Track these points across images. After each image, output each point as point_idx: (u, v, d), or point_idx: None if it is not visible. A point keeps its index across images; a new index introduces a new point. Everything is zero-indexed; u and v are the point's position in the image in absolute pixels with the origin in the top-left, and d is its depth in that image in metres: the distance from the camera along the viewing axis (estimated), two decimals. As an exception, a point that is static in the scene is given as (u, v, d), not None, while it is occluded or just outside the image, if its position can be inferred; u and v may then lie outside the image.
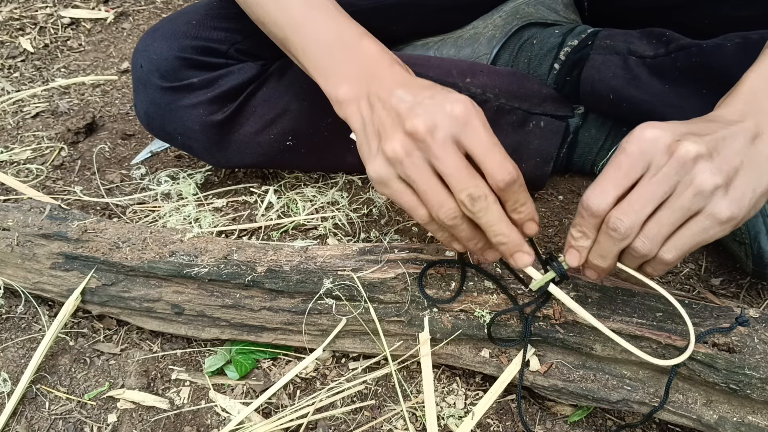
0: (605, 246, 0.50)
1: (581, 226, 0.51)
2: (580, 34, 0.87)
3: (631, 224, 0.48)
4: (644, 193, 0.47)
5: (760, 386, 0.56)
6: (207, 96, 0.81)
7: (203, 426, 0.66)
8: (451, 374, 0.70)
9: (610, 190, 0.49)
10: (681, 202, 0.47)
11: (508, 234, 0.51)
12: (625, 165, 0.48)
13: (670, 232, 0.48)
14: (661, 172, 0.47)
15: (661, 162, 0.47)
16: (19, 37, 1.36)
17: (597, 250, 0.51)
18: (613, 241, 0.49)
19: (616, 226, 0.48)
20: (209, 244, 0.72)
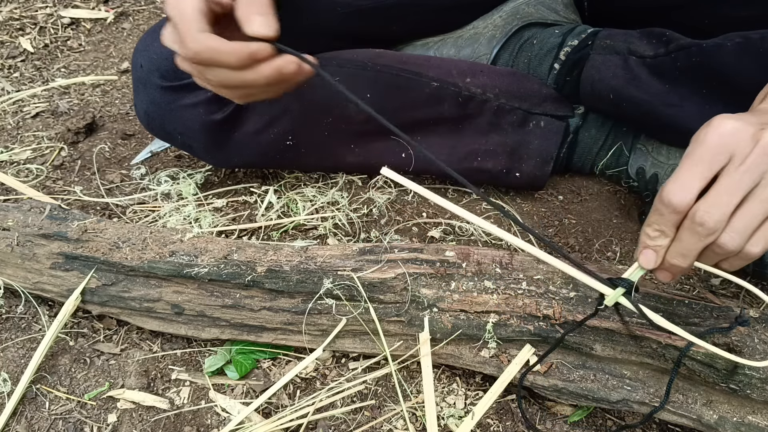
0: (688, 243, 0.48)
1: (659, 224, 0.49)
2: (580, 34, 0.87)
3: (720, 218, 0.46)
4: (731, 183, 0.45)
5: (760, 386, 0.56)
6: (207, 95, 0.81)
7: (203, 426, 0.66)
8: (451, 374, 0.70)
9: (693, 184, 0.46)
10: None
11: None
12: (707, 156, 0.46)
13: (758, 224, 0.46)
14: (748, 161, 0.45)
15: (746, 151, 0.45)
16: (19, 37, 1.36)
17: (677, 249, 0.49)
18: (698, 237, 0.47)
19: (703, 221, 0.46)
20: (209, 244, 0.72)
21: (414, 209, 0.90)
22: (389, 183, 0.94)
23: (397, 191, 0.93)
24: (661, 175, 0.82)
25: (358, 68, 0.84)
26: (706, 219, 0.46)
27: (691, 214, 0.47)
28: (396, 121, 0.89)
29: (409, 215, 0.89)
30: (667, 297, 0.63)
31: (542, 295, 0.64)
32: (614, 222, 0.89)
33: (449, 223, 0.87)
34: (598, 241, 0.85)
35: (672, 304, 0.62)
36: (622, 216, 0.89)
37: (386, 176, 0.56)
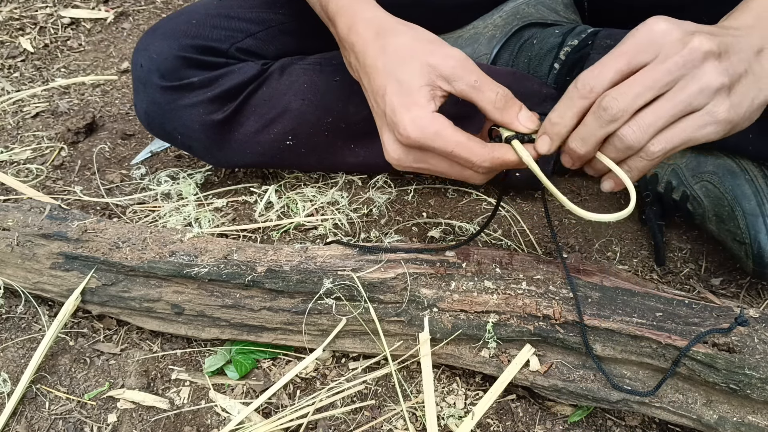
0: (590, 128, 0.48)
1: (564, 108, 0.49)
2: (580, 34, 0.87)
3: (625, 107, 0.46)
4: (647, 78, 0.45)
5: (760, 386, 0.56)
6: (207, 95, 0.81)
7: (203, 426, 0.66)
8: (451, 374, 0.70)
9: (608, 72, 0.47)
10: (683, 96, 0.45)
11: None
12: (631, 51, 0.46)
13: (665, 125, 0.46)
14: (669, 61, 0.45)
15: (671, 52, 0.45)
16: (19, 37, 1.36)
17: (579, 133, 0.49)
18: (600, 123, 0.47)
19: (608, 105, 0.46)
20: (209, 244, 0.72)
21: (414, 209, 0.90)
22: (389, 183, 0.94)
23: (397, 191, 0.93)
24: (661, 175, 0.82)
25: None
26: (612, 105, 0.46)
27: (599, 99, 0.47)
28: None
29: (409, 215, 0.89)
30: (667, 297, 0.63)
31: (542, 295, 0.64)
32: (614, 222, 0.89)
33: (449, 223, 0.87)
34: (598, 241, 0.85)
35: (672, 304, 0.62)
36: (622, 216, 0.89)
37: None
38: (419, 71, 0.53)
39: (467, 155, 0.52)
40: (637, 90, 0.45)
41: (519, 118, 0.52)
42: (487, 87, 0.53)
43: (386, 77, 0.55)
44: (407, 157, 0.56)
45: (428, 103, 0.53)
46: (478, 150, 0.52)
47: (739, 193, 0.73)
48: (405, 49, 0.55)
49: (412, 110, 0.52)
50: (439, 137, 0.52)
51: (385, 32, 0.57)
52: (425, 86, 0.53)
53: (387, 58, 0.55)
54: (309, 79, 0.83)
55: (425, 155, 0.55)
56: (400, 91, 0.53)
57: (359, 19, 0.59)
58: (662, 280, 0.80)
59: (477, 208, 0.90)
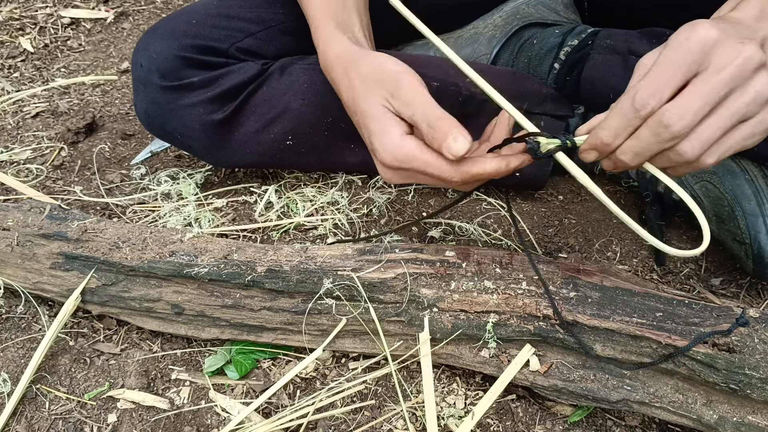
0: (646, 143, 0.47)
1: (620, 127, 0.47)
2: (580, 34, 0.87)
3: (688, 123, 0.44)
4: (705, 92, 0.44)
5: (760, 386, 0.56)
6: (207, 95, 0.81)
7: (203, 426, 0.66)
8: (451, 374, 0.70)
9: (667, 91, 0.45)
10: (738, 106, 0.45)
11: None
12: (687, 62, 0.45)
13: (721, 137, 0.46)
14: (725, 73, 0.44)
15: (725, 62, 0.44)
16: (19, 37, 1.36)
17: (632, 147, 0.48)
18: (658, 140, 0.46)
19: (670, 123, 0.45)
20: (209, 244, 0.72)
21: (414, 209, 0.90)
22: (389, 183, 0.94)
23: (397, 191, 0.93)
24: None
25: (358, 68, 0.84)
26: (675, 123, 0.45)
27: (658, 114, 0.46)
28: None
29: (409, 215, 0.89)
30: (667, 297, 0.63)
31: (542, 295, 0.64)
32: (614, 222, 0.89)
33: (449, 223, 0.87)
34: (598, 241, 0.85)
35: (672, 304, 0.62)
36: (622, 216, 0.89)
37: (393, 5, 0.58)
38: (379, 101, 0.57)
39: (438, 173, 0.54)
40: (698, 105, 0.45)
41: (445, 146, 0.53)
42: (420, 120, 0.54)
43: (357, 109, 0.59)
44: (395, 176, 0.59)
45: (394, 128, 0.56)
46: (446, 168, 0.54)
47: (739, 193, 0.73)
48: (365, 80, 0.59)
49: (383, 137, 0.56)
50: (410, 158, 0.55)
51: (349, 65, 0.62)
52: (388, 113, 0.56)
53: (354, 92, 0.60)
54: (309, 79, 0.83)
55: (409, 173, 0.58)
56: (367, 121, 0.58)
57: (330, 56, 0.66)
58: (662, 280, 0.80)
59: (477, 208, 0.90)
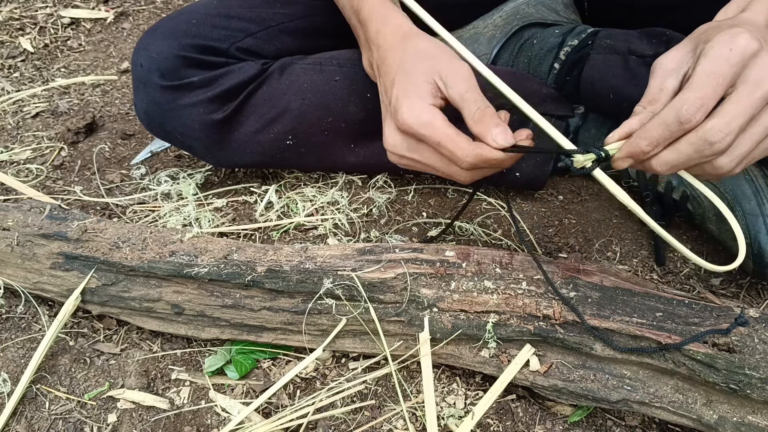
0: (686, 157, 0.47)
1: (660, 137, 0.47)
2: (580, 34, 0.87)
3: (731, 141, 0.45)
4: (747, 107, 0.45)
5: (760, 386, 0.56)
6: (207, 95, 0.81)
7: (203, 426, 0.66)
8: (451, 374, 0.70)
9: (711, 104, 0.46)
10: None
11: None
12: (729, 75, 0.45)
13: (753, 148, 0.47)
14: (762, 88, 0.45)
15: (763, 77, 0.45)
16: (19, 37, 1.36)
17: (669, 159, 0.48)
18: (700, 155, 0.46)
19: (715, 140, 0.45)
20: (209, 244, 0.72)
21: (414, 209, 0.90)
22: (389, 183, 0.94)
23: (397, 191, 0.93)
24: (661, 175, 0.82)
25: (358, 67, 0.84)
26: (719, 139, 0.45)
27: (701, 131, 0.46)
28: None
29: (409, 215, 0.89)
30: (667, 297, 0.63)
31: (542, 295, 0.64)
32: (614, 222, 0.89)
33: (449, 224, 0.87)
34: (598, 241, 0.85)
35: (672, 304, 0.62)
36: (622, 216, 0.90)
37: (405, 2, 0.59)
38: (426, 69, 0.57)
39: (453, 148, 0.54)
40: (741, 122, 0.45)
41: (492, 134, 0.54)
42: (472, 100, 0.55)
43: (398, 71, 0.59)
44: (402, 144, 0.59)
45: (428, 96, 0.56)
46: (463, 145, 0.54)
47: (739, 193, 0.73)
48: (423, 51, 0.60)
49: (413, 99, 0.56)
50: (430, 127, 0.55)
51: (410, 37, 0.62)
52: (428, 83, 0.57)
53: (405, 56, 0.60)
54: (309, 79, 0.83)
55: (418, 145, 0.58)
56: (406, 82, 0.57)
57: (390, 23, 0.65)
58: (662, 280, 0.80)
59: (477, 208, 0.90)
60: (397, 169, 0.91)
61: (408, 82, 0.57)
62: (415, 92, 0.56)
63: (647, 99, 0.51)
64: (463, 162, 0.55)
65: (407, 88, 0.57)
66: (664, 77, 0.50)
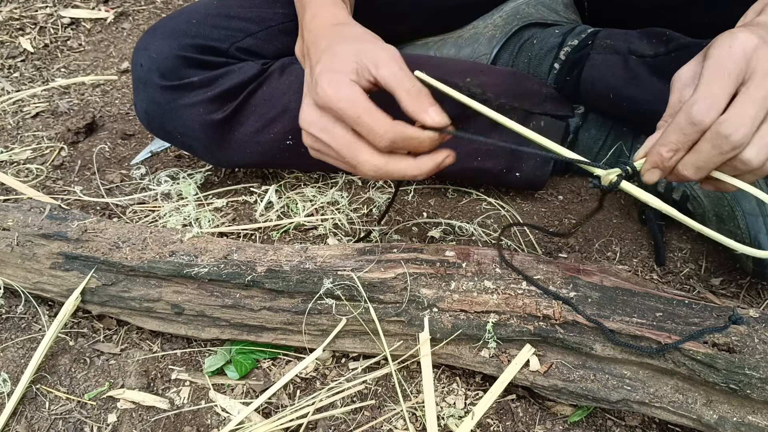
0: (707, 156, 0.47)
1: (679, 142, 0.47)
2: (580, 34, 0.87)
3: (747, 131, 0.45)
4: (758, 98, 0.45)
5: (760, 386, 0.56)
6: (207, 95, 0.81)
7: (203, 426, 0.66)
8: (451, 374, 0.70)
9: (723, 100, 0.46)
10: None
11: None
12: (735, 71, 0.46)
13: None
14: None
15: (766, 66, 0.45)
16: (19, 37, 1.36)
17: (693, 161, 0.48)
18: (719, 151, 0.46)
19: (729, 133, 0.45)
20: (209, 244, 0.72)
21: (414, 209, 0.90)
22: (389, 183, 0.94)
23: (397, 191, 0.93)
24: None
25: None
26: (732, 131, 0.45)
27: (715, 126, 0.46)
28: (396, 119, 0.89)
29: (409, 215, 0.89)
30: (667, 297, 0.63)
31: (542, 295, 0.64)
32: (614, 222, 0.89)
33: (449, 223, 0.87)
34: (598, 241, 0.85)
35: (672, 304, 0.62)
36: (622, 216, 0.90)
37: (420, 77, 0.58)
38: (353, 50, 0.56)
39: (372, 123, 0.53)
40: (754, 112, 0.45)
41: (429, 111, 0.53)
42: (407, 77, 0.54)
43: (325, 50, 0.58)
44: (318, 121, 0.57)
45: (351, 73, 0.55)
46: (384, 121, 0.53)
47: (739, 193, 0.73)
48: (353, 35, 0.59)
49: (334, 75, 0.55)
50: (350, 101, 0.54)
51: (342, 24, 0.62)
52: (354, 62, 0.56)
53: (333, 38, 0.59)
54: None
55: (334, 124, 0.56)
56: (331, 60, 0.56)
57: (325, 11, 0.65)
58: (662, 280, 0.80)
59: (477, 208, 0.90)
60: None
61: (333, 60, 0.56)
62: (339, 69, 0.55)
63: (668, 113, 0.51)
64: (382, 139, 0.53)
65: (331, 65, 0.56)
66: (681, 89, 0.50)
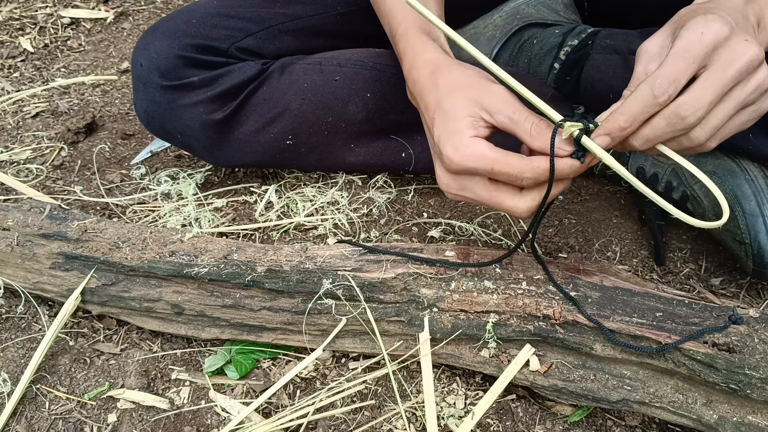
0: (659, 131, 0.50)
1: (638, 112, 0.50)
2: (580, 34, 0.87)
3: (702, 115, 0.48)
4: (717, 84, 0.47)
5: (760, 386, 0.56)
6: (207, 95, 0.81)
7: (203, 426, 0.66)
8: (451, 374, 0.70)
9: (683, 79, 0.48)
10: (743, 96, 0.49)
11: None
12: (701, 56, 0.48)
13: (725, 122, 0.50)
14: (734, 68, 0.47)
15: (733, 58, 0.47)
16: (19, 37, 1.36)
17: (645, 135, 0.50)
18: (672, 129, 0.49)
19: (686, 114, 0.48)
20: (209, 244, 0.72)
21: (414, 209, 0.90)
22: (389, 183, 0.94)
23: (397, 191, 0.93)
24: (661, 175, 0.82)
25: (358, 67, 0.84)
26: (689, 114, 0.48)
27: (673, 106, 0.48)
28: (396, 120, 0.90)
29: (409, 215, 0.89)
30: (667, 297, 0.63)
31: (542, 295, 0.64)
32: (614, 222, 0.89)
33: (449, 223, 0.87)
34: (598, 241, 0.85)
35: (672, 304, 0.62)
36: (622, 216, 0.90)
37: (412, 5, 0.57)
38: (463, 103, 0.56)
39: (507, 169, 0.53)
40: (711, 98, 0.48)
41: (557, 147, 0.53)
42: (524, 118, 0.54)
43: (435, 110, 0.58)
44: (454, 183, 0.58)
45: (469, 130, 0.55)
46: (517, 162, 0.53)
47: (739, 193, 0.73)
48: (453, 84, 0.58)
49: (454, 137, 0.55)
50: (478, 158, 0.54)
51: (439, 70, 0.61)
52: (468, 117, 0.56)
53: (438, 92, 0.59)
54: (309, 79, 0.83)
55: (470, 181, 0.56)
56: (445, 120, 0.57)
57: (420, 59, 0.64)
58: (662, 280, 0.80)
59: (477, 208, 0.90)
60: (398, 169, 0.91)
61: (447, 120, 0.56)
62: (456, 130, 0.55)
63: (633, 83, 0.53)
64: (523, 179, 0.53)
65: (447, 127, 0.56)
66: (647, 62, 0.52)
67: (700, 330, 0.58)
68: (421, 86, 0.62)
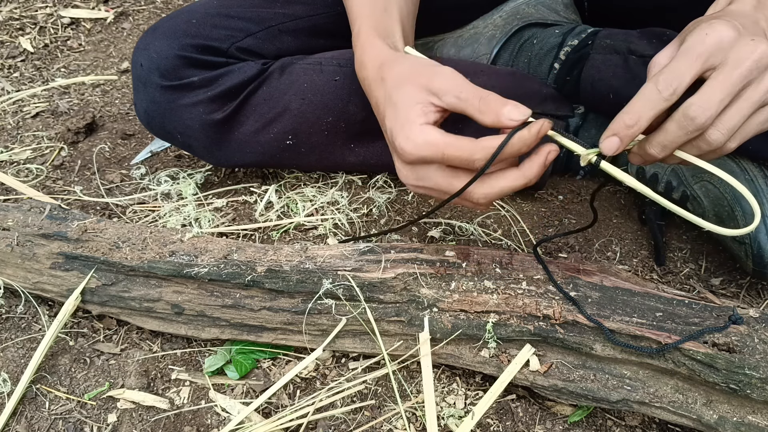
0: (673, 135, 0.49)
1: (644, 110, 0.49)
2: (580, 34, 0.87)
3: (712, 114, 0.47)
4: (726, 84, 0.47)
5: (760, 386, 0.56)
6: (207, 95, 0.81)
7: (203, 426, 0.66)
8: (451, 374, 0.70)
9: (688, 77, 0.48)
10: (758, 96, 0.48)
11: None
12: (705, 54, 0.48)
13: (743, 123, 0.49)
14: (743, 66, 0.47)
15: (741, 58, 0.47)
16: (19, 37, 1.36)
17: (660, 140, 0.50)
18: (685, 131, 0.48)
19: (696, 115, 0.47)
20: (209, 244, 0.72)
21: (414, 209, 0.90)
22: (389, 183, 0.94)
23: (397, 191, 0.93)
24: (661, 175, 0.82)
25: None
26: (699, 114, 0.47)
27: (683, 107, 0.48)
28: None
29: (409, 215, 0.89)
30: (667, 297, 0.63)
31: (542, 295, 0.64)
32: (614, 222, 0.89)
33: (449, 223, 0.87)
34: (598, 241, 0.85)
35: (672, 304, 0.62)
36: (622, 216, 0.90)
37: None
38: (411, 92, 0.56)
39: (458, 153, 0.52)
40: (720, 97, 0.47)
41: (504, 113, 0.52)
42: (471, 95, 0.54)
43: (385, 104, 0.58)
44: (412, 174, 0.58)
45: (419, 118, 0.55)
46: (467, 145, 0.52)
47: (739, 193, 0.73)
48: (400, 75, 0.58)
49: (405, 128, 0.55)
50: (429, 145, 0.53)
51: (384, 65, 0.61)
52: (417, 104, 0.55)
53: (385, 86, 0.59)
54: (309, 79, 0.83)
55: (427, 170, 0.56)
56: (395, 114, 0.56)
57: (366, 56, 0.65)
58: (662, 280, 0.80)
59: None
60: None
61: (397, 111, 0.56)
62: (406, 120, 0.55)
63: None
64: (474, 161, 0.52)
65: (398, 119, 0.56)
66: (655, 71, 0.52)
67: (700, 330, 0.58)
68: (370, 83, 0.62)
